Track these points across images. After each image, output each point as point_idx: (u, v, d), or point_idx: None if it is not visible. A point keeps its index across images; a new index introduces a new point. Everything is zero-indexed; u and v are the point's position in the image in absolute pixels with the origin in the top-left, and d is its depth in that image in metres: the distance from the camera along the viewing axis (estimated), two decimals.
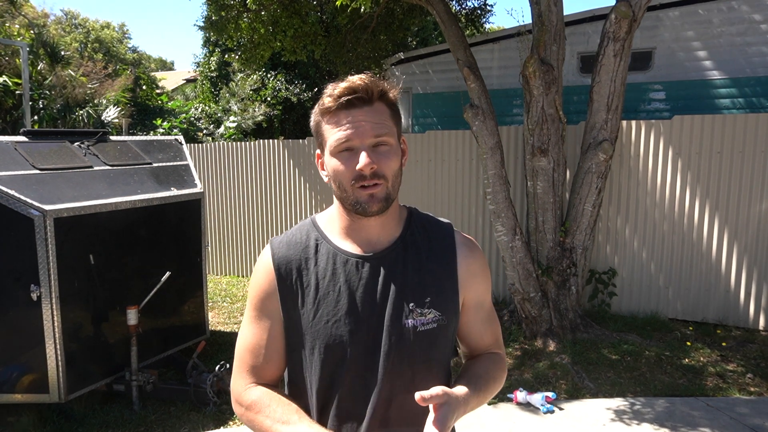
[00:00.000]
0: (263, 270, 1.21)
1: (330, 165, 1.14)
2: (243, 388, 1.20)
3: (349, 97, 1.10)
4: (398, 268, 1.17)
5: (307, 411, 1.16)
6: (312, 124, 1.20)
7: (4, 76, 10.69)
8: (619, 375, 4.43)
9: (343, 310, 1.14)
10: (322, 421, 1.16)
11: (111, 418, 3.87)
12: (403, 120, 1.29)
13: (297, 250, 1.20)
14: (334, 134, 1.12)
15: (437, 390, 1.02)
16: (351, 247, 1.19)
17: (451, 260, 1.22)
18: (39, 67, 11.84)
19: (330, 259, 1.18)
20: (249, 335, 1.21)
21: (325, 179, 1.19)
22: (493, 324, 1.31)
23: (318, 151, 1.20)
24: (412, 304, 1.15)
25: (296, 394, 1.21)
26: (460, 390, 1.11)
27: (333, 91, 1.12)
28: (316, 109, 1.18)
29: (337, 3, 4.91)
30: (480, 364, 1.25)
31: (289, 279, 1.18)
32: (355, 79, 1.11)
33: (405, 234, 1.21)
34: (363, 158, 1.09)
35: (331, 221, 1.23)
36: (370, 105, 1.12)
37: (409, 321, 1.14)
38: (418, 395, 1.00)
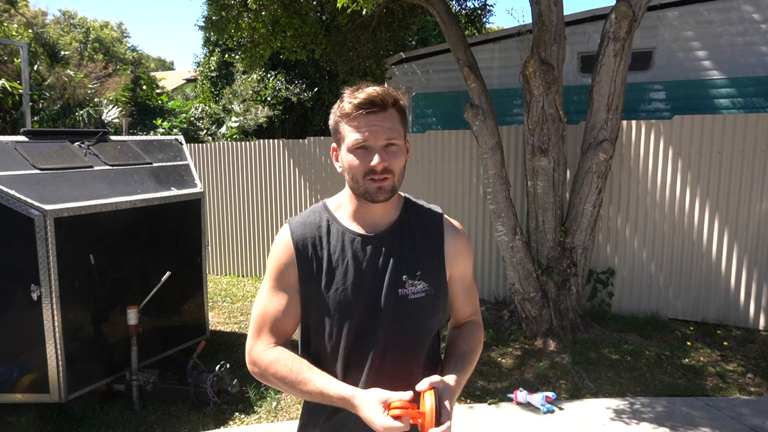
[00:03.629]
0: (283, 246, 1.41)
1: (346, 160, 1.34)
2: (263, 349, 1.39)
3: (368, 105, 1.29)
4: (395, 246, 1.39)
5: (317, 363, 1.37)
6: (331, 122, 1.38)
7: (2, 80, 10.68)
8: (619, 375, 4.43)
9: (350, 280, 1.36)
10: (330, 371, 1.36)
11: (111, 418, 3.87)
12: None
13: (312, 229, 1.41)
14: (352, 135, 1.31)
15: (429, 379, 1.24)
16: (357, 228, 1.40)
17: (439, 240, 1.43)
18: (38, 68, 11.83)
19: (340, 237, 1.39)
20: (269, 302, 1.41)
21: (339, 169, 1.39)
22: (473, 295, 1.54)
23: (334, 145, 1.40)
24: (405, 276, 1.37)
25: (307, 350, 1.44)
26: (450, 378, 1.31)
27: (353, 99, 1.31)
28: (336, 111, 1.36)
29: (338, 5, 4.91)
30: (463, 340, 1.47)
31: (305, 253, 1.39)
32: (372, 90, 1.31)
33: (402, 218, 1.43)
34: (377, 158, 1.29)
35: (341, 205, 1.44)
36: (384, 111, 1.31)
37: (403, 290, 1.36)
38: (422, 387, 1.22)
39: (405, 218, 1.43)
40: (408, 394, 1.20)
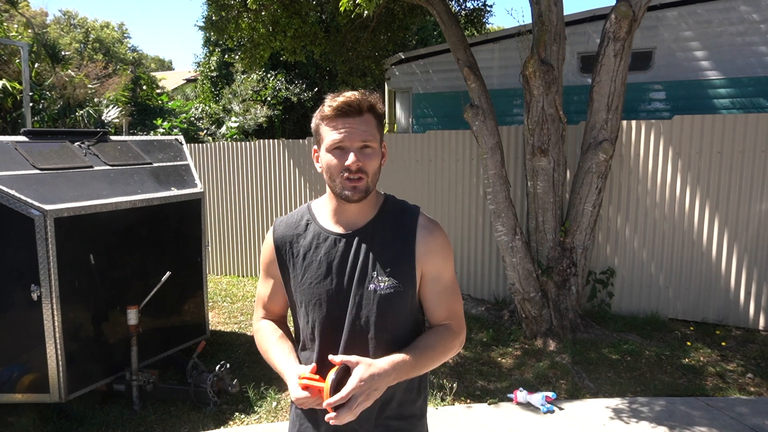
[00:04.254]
0: (267, 243, 1.59)
1: (324, 159, 1.44)
2: (257, 319, 1.65)
3: (345, 109, 1.38)
4: (367, 244, 1.47)
5: (304, 348, 1.54)
6: (312, 125, 1.48)
7: (3, 80, 10.68)
8: (619, 375, 4.43)
9: (322, 275, 1.47)
10: (310, 358, 1.49)
11: (111, 418, 3.87)
12: (403, 120, 1.42)
13: (291, 228, 1.55)
14: (330, 135, 1.41)
15: (345, 358, 1.32)
16: (333, 227, 1.50)
17: (411, 239, 1.48)
18: (38, 67, 11.83)
19: (315, 236, 1.51)
20: (261, 287, 1.64)
21: (319, 170, 1.48)
22: (449, 299, 1.54)
23: (315, 147, 1.50)
24: (374, 273, 1.45)
25: (298, 337, 1.59)
26: (382, 360, 1.35)
27: (332, 102, 1.40)
28: (317, 114, 1.46)
29: (341, 8, 4.91)
30: (424, 336, 1.49)
31: (284, 251, 1.54)
32: (350, 95, 1.40)
33: (378, 217, 1.50)
34: (351, 157, 1.38)
35: (323, 206, 1.55)
36: (360, 116, 1.40)
37: (371, 285, 1.44)
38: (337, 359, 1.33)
39: (381, 216, 1.50)
40: (311, 366, 1.37)
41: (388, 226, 1.49)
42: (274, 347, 1.51)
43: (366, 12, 4.69)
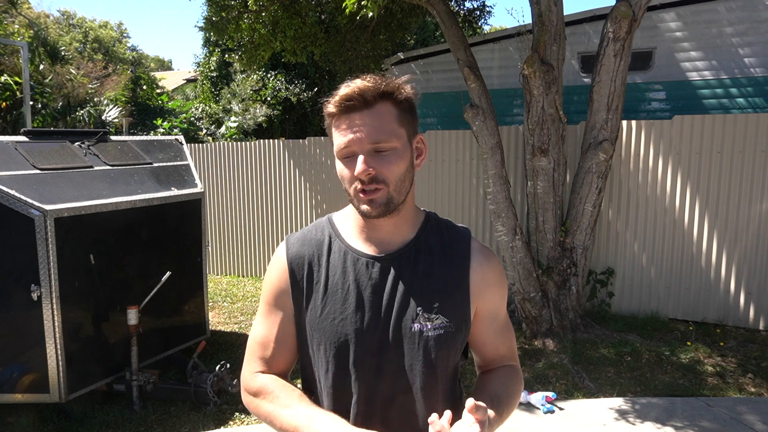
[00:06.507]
0: (277, 266, 1.21)
1: (338, 169, 1.14)
2: (250, 376, 1.21)
3: (346, 104, 1.08)
4: (408, 271, 1.15)
5: (318, 404, 1.16)
6: (326, 125, 1.18)
7: (5, 75, 10.69)
8: (620, 375, 4.43)
9: (350, 308, 1.13)
10: None
11: (111, 418, 3.87)
12: None
13: (311, 246, 1.20)
14: (336, 140, 1.12)
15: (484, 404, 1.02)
16: (363, 247, 1.18)
17: (464, 267, 1.19)
18: (40, 68, 11.84)
19: (341, 256, 1.17)
20: (260, 329, 1.22)
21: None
22: (507, 335, 1.28)
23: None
24: (419, 309, 1.13)
25: (309, 388, 1.23)
26: (490, 413, 1.08)
27: (334, 96, 1.11)
28: (324, 112, 1.18)
29: (346, 11, 4.91)
30: (499, 382, 1.22)
31: (301, 275, 1.18)
32: (352, 84, 1.09)
33: (419, 237, 1.19)
34: (359, 165, 1.07)
35: (347, 219, 1.22)
36: (369, 108, 1.09)
37: (416, 325, 1.13)
38: (470, 403, 0.99)
39: (423, 237, 1.19)
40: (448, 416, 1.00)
41: (433, 249, 1.18)
42: (303, 408, 1.10)
43: (372, 14, 4.69)
